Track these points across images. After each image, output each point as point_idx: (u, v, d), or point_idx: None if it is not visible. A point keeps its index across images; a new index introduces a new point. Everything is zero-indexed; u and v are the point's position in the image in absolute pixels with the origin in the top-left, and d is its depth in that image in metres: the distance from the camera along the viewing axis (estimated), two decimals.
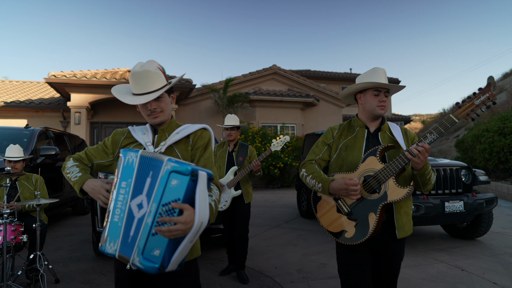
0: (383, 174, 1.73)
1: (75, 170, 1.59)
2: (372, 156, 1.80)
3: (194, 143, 1.63)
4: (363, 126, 1.97)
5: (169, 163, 1.25)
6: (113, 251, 1.34)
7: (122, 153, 1.41)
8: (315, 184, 1.86)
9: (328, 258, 4.32)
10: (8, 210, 2.87)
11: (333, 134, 2.02)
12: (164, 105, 1.60)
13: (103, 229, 1.40)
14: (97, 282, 3.54)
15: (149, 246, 1.25)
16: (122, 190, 1.36)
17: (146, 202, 1.29)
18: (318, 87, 15.19)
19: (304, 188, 7.14)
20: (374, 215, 1.72)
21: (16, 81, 15.94)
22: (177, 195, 1.21)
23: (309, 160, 2.01)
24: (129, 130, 1.70)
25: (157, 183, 1.26)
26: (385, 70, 1.94)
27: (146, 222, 1.27)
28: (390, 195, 1.71)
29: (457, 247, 4.75)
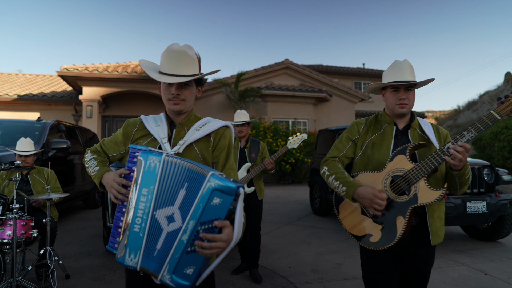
0: (413, 174, 1.59)
1: (93, 163, 1.51)
2: (401, 155, 1.65)
3: (216, 143, 1.50)
4: (391, 123, 1.82)
5: (212, 180, 1.16)
6: (134, 263, 1.25)
7: (141, 155, 1.28)
8: (338, 186, 1.72)
9: (343, 258, 4.19)
10: (18, 205, 2.81)
11: (358, 130, 1.88)
12: (189, 95, 1.47)
13: (121, 239, 1.29)
14: (108, 278, 3.48)
15: (182, 264, 1.19)
16: (143, 198, 1.25)
17: (179, 216, 1.21)
18: (331, 82, 14.95)
19: (317, 185, 7.00)
20: (403, 218, 1.58)
21: (29, 75, 16.07)
22: (218, 214, 1.15)
23: (331, 157, 1.87)
24: (142, 120, 1.56)
25: (197, 199, 1.18)
26: (407, 63, 1.77)
27: (180, 239, 1.19)
28: (420, 198, 1.57)
29: (478, 249, 4.57)
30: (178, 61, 1.41)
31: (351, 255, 4.29)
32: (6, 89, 12.38)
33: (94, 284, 3.33)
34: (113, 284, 3.33)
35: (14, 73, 16.13)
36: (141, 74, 11.03)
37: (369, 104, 19.59)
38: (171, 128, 1.52)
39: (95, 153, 1.58)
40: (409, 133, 1.78)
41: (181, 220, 1.20)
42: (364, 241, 1.69)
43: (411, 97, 1.76)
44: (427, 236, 1.70)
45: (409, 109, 1.77)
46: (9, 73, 15.81)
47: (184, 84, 1.44)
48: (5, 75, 15.48)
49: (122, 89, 11.37)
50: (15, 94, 11.67)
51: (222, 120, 1.56)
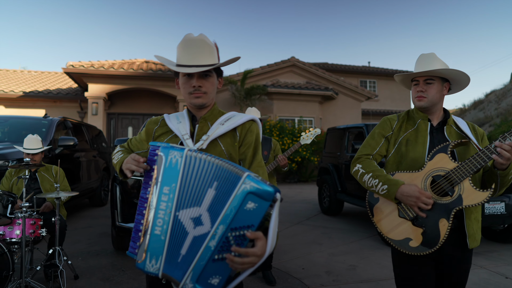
0: (457, 174, 1.48)
1: (119, 155, 1.45)
2: (442, 153, 1.54)
3: (243, 138, 1.39)
4: (425, 119, 1.71)
5: (248, 182, 1.04)
6: (155, 270, 1.13)
7: (162, 151, 1.17)
8: (376, 185, 1.60)
9: (357, 259, 4.08)
10: (27, 204, 2.71)
11: (391, 126, 1.76)
12: (210, 86, 1.37)
13: (141, 243, 1.17)
14: (118, 279, 3.39)
15: (207, 273, 1.07)
16: (165, 197, 1.13)
17: (208, 219, 1.09)
18: (337, 80, 14.81)
19: (326, 184, 6.89)
20: (446, 221, 1.47)
21: (34, 72, 16.03)
22: (252, 221, 1.03)
23: (365, 155, 1.75)
24: (163, 118, 1.48)
25: (229, 202, 1.05)
26: (432, 55, 1.68)
27: (207, 244, 1.07)
28: (466, 199, 1.45)
29: (495, 251, 4.45)
30: (196, 50, 1.32)
31: (364, 257, 4.19)
32: (12, 85, 12.34)
33: (104, 285, 3.24)
34: (123, 286, 3.24)
35: (20, 70, 16.10)
36: (146, 71, 10.94)
37: (375, 102, 19.44)
38: (194, 123, 1.42)
39: (122, 147, 1.54)
40: (445, 130, 1.67)
41: (210, 223, 1.09)
42: (402, 246, 1.57)
43: (431, 91, 1.66)
44: (463, 239, 1.59)
45: (429, 103, 1.66)
46: (15, 70, 15.78)
47: (205, 75, 1.35)
48: (11, 72, 15.45)
49: (128, 86, 11.29)
50: (21, 91, 11.62)
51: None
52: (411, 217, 1.57)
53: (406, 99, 20.70)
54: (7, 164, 4.16)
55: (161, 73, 11.03)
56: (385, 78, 20.43)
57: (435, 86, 1.66)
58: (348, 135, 6.53)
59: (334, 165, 6.80)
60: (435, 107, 1.69)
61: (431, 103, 1.66)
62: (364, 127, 5.88)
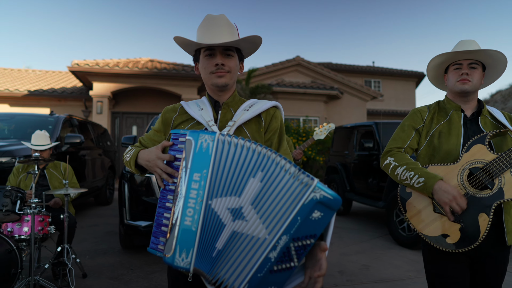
0: (497, 166, 1.39)
1: (131, 152, 1.33)
2: (479, 145, 1.46)
3: (268, 124, 1.32)
4: (458, 109, 1.63)
5: (318, 190, 0.94)
6: (186, 264, 1.02)
7: (190, 135, 1.07)
8: (412, 177, 1.51)
9: (369, 259, 3.99)
10: (36, 200, 2.64)
11: (422, 118, 1.68)
12: (233, 65, 1.30)
13: (169, 236, 1.06)
14: (126, 278, 3.31)
15: (263, 285, 0.98)
16: (195, 185, 1.03)
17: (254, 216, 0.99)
18: (342, 80, 14.71)
19: (334, 183, 6.80)
20: (486, 216, 1.38)
21: (39, 71, 16.02)
22: (315, 230, 0.96)
23: (396, 148, 1.66)
24: (182, 106, 1.39)
25: (295, 210, 0.95)
26: (473, 41, 1.60)
27: (267, 256, 0.97)
28: (508, 192, 1.37)
29: None
30: (218, 29, 1.27)
31: (377, 257, 4.10)
32: (17, 84, 12.33)
33: (113, 284, 3.16)
34: (132, 285, 3.17)
35: (24, 69, 16.09)
36: (151, 70, 10.88)
37: (380, 102, 19.31)
38: (216, 110, 1.35)
39: (134, 147, 1.41)
40: (479, 120, 1.59)
41: (262, 226, 0.98)
42: (438, 242, 1.48)
43: (476, 76, 1.58)
44: (502, 235, 1.50)
45: (473, 88, 1.58)
46: (19, 69, 15.78)
47: (227, 54, 1.29)
48: (15, 71, 15.45)
49: (133, 85, 11.23)
50: (26, 90, 11.59)
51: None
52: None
53: (410, 99, 20.57)
54: (14, 160, 4.10)
55: (166, 71, 10.97)
56: (389, 78, 20.29)
57: (478, 71, 1.58)
58: (357, 134, 6.44)
59: (342, 164, 6.72)
60: (473, 94, 1.61)
61: (475, 88, 1.58)
62: (374, 126, 5.79)
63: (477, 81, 1.59)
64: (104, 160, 7.62)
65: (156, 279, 3.30)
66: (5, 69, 15.56)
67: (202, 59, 1.31)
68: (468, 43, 1.58)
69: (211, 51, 1.28)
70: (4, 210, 2.61)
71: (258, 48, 1.39)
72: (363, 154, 5.98)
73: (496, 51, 1.53)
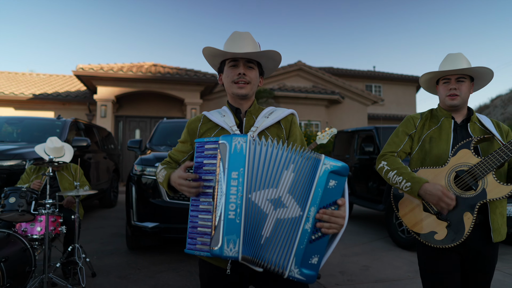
0: (480, 169, 1.52)
1: (163, 172, 1.45)
2: (465, 149, 1.59)
3: (288, 130, 1.47)
4: (449, 116, 1.76)
5: (327, 162, 1.15)
6: (234, 253, 1.13)
7: (224, 139, 1.19)
8: (400, 182, 1.66)
9: (369, 260, 4.11)
10: (51, 200, 2.78)
11: (415, 124, 1.82)
12: (254, 77, 1.44)
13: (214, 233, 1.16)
14: (134, 277, 3.44)
15: (307, 254, 1.15)
16: (234, 182, 1.16)
17: (292, 201, 1.16)
18: (343, 84, 14.87)
19: None
20: (471, 215, 1.51)
21: (43, 74, 16.23)
22: (335, 196, 1.16)
23: (390, 152, 1.81)
24: (205, 115, 1.52)
25: (315, 184, 1.15)
26: (460, 54, 1.74)
27: (304, 228, 1.14)
28: (490, 193, 1.50)
29: (508, 253, 4.46)
30: (243, 42, 1.41)
31: (377, 258, 4.21)
32: (22, 88, 12.50)
33: (121, 283, 3.29)
34: (140, 283, 3.29)
35: (28, 73, 16.30)
36: (155, 75, 11.05)
37: (381, 107, 19.44)
38: (238, 116, 1.48)
39: (165, 163, 1.53)
40: (468, 127, 1.72)
41: (297, 206, 1.15)
42: (427, 239, 1.62)
43: (464, 89, 1.71)
44: (488, 233, 1.63)
45: (461, 102, 1.72)
46: (23, 73, 15.98)
47: (249, 67, 1.43)
48: (20, 74, 15.65)
49: (137, 89, 11.40)
50: (31, 93, 11.76)
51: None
52: (436, 211, 1.61)
53: (411, 103, 20.70)
54: (24, 163, 4.24)
55: (169, 76, 11.14)
56: (390, 83, 20.44)
57: (466, 84, 1.72)
58: (358, 138, 6.56)
59: None
60: (464, 104, 1.75)
61: (463, 101, 1.72)
62: (374, 130, 5.92)
63: (465, 94, 1.72)
64: (109, 163, 7.76)
65: (163, 278, 3.42)
66: (10, 72, 15.77)
67: (226, 69, 1.45)
68: (455, 57, 1.71)
69: (235, 62, 1.43)
70: (20, 210, 2.74)
71: (278, 65, 1.54)
72: (364, 158, 6.11)
73: (480, 67, 1.66)
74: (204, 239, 1.21)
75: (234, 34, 1.44)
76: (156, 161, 3.96)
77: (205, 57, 1.50)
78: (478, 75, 1.74)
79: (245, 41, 1.41)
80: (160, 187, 3.86)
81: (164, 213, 3.79)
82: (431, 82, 1.86)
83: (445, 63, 1.75)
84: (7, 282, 2.45)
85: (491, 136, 1.63)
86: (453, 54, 1.75)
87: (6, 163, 4.15)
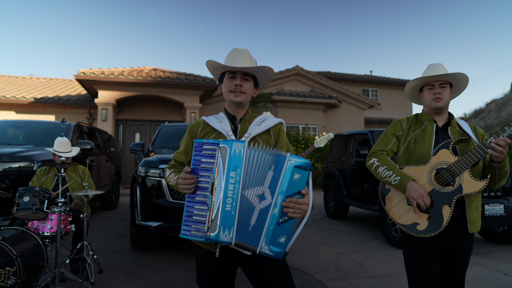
0: (457, 166, 1.71)
1: (172, 175, 1.63)
2: (444, 149, 1.78)
3: (277, 137, 1.67)
4: (432, 120, 1.96)
5: (292, 159, 1.39)
6: (229, 239, 1.36)
7: (225, 143, 1.41)
8: (390, 176, 1.85)
9: (364, 258, 4.29)
10: (63, 199, 2.95)
11: (401, 127, 2.02)
12: (248, 88, 1.64)
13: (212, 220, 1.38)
14: (140, 273, 3.60)
15: (276, 235, 1.36)
16: (232, 180, 1.38)
17: (269, 194, 1.38)
18: (340, 89, 15.10)
19: (332, 188, 7.10)
20: (449, 207, 1.70)
21: (43, 78, 16.38)
22: (299, 187, 1.38)
23: (380, 150, 2.01)
24: (204, 120, 1.71)
25: (281, 177, 1.37)
26: (441, 64, 1.96)
27: (272, 212, 1.36)
28: (465, 188, 1.69)
29: (495, 251, 4.64)
30: (241, 58, 1.62)
31: (371, 256, 4.39)
32: (23, 92, 12.65)
33: (128, 279, 3.45)
34: (145, 279, 3.45)
35: (28, 76, 16.45)
36: (156, 79, 11.24)
37: (377, 111, 19.70)
38: (233, 123, 1.68)
39: (172, 167, 1.72)
40: (449, 130, 1.92)
41: (271, 196, 1.37)
42: (411, 229, 1.80)
43: (446, 94, 1.92)
44: (465, 225, 1.81)
45: (445, 104, 1.92)
46: (24, 77, 16.14)
47: (245, 79, 1.63)
48: (20, 78, 15.80)
49: (137, 93, 11.58)
50: (32, 97, 11.92)
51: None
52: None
53: (407, 107, 20.97)
54: (32, 165, 4.40)
55: (169, 80, 11.34)
56: (387, 87, 20.73)
57: (448, 89, 1.93)
58: (353, 141, 6.76)
59: (340, 170, 7.03)
60: (446, 108, 1.96)
61: (446, 104, 1.93)
62: (369, 134, 6.11)
63: (448, 98, 1.93)
64: (111, 166, 7.91)
65: (167, 274, 3.58)
66: (10, 76, 15.91)
67: (226, 80, 1.66)
68: (437, 66, 1.92)
69: (233, 74, 1.64)
70: (34, 208, 2.91)
71: (271, 79, 1.76)
72: (359, 160, 6.29)
73: (460, 73, 1.88)
74: (199, 226, 1.42)
75: (234, 50, 1.64)
76: (160, 163, 4.13)
77: (208, 68, 1.71)
78: (456, 81, 1.94)
79: (243, 57, 1.62)
80: (164, 187, 4.03)
81: (168, 212, 3.96)
82: (416, 90, 2.06)
83: (429, 71, 1.95)
84: (23, 275, 2.62)
85: (468, 138, 1.83)
86: (435, 64, 1.95)
87: (15, 165, 4.30)
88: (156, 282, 3.38)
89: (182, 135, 6.34)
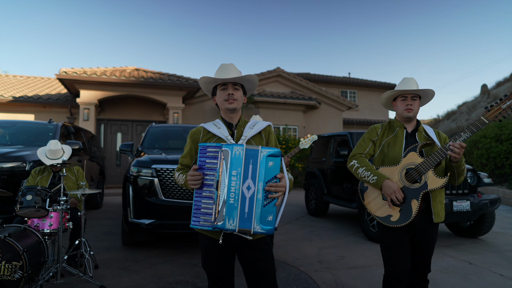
0: (423, 166, 2.03)
1: (182, 177, 1.87)
2: (412, 152, 2.10)
3: (267, 138, 1.94)
4: (402, 127, 2.28)
5: (263, 150, 1.66)
6: (233, 227, 1.63)
7: (226, 147, 1.67)
8: (368, 176, 2.15)
9: (344, 251, 4.62)
10: (65, 198, 3.11)
11: (377, 132, 2.33)
12: (239, 96, 1.91)
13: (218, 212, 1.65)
14: (134, 268, 3.79)
15: (263, 215, 1.64)
16: (234, 178, 1.64)
17: (252, 183, 1.64)
18: (320, 91, 15.54)
19: (313, 187, 7.44)
20: (416, 201, 2.02)
21: (20, 76, 16.04)
22: (275, 172, 1.67)
23: (359, 153, 2.31)
24: (204, 127, 1.96)
25: (258, 167, 1.63)
26: (414, 79, 2.27)
27: (257, 198, 1.64)
28: (430, 184, 2.01)
29: (462, 244, 5.08)
30: (229, 70, 1.90)
31: (350, 250, 4.73)
32: (0, 90, 12.40)
33: (124, 273, 3.64)
34: (141, 273, 3.65)
35: (4, 74, 16.07)
36: (138, 79, 11.30)
37: (355, 112, 20.31)
38: (230, 128, 1.93)
39: (181, 169, 1.96)
40: (416, 135, 2.24)
41: (254, 185, 1.65)
42: (385, 221, 2.12)
43: (416, 105, 2.24)
44: (430, 217, 2.14)
45: (415, 114, 2.24)
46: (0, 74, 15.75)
47: (235, 88, 1.90)
48: None
49: (119, 93, 11.59)
50: (10, 96, 11.71)
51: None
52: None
53: (384, 109, 21.68)
54: (24, 165, 4.49)
55: (153, 80, 11.42)
56: (364, 89, 21.40)
57: (417, 101, 2.26)
58: (334, 142, 7.11)
59: (320, 169, 7.37)
60: (415, 117, 2.27)
61: (415, 114, 2.25)
62: (349, 135, 6.47)
63: (417, 108, 2.25)
64: (95, 166, 7.97)
65: (160, 269, 3.79)
66: None
67: (219, 92, 1.92)
68: (411, 81, 2.24)
69: (225, 85, 1.90)
70: (37, 206, 3.07)
71: (256, 87, 2.03)
72: (339, 161, 6.65)
73: (429, 89, 2.22)
74: (207, 217, 1.69)
75: (222, 66, 1.91)
76: (152, 163, 4.31)
77: (201, 85, 1.98)
78: (425, 95, 2.27)
79: (230, 70, 1.89)
80: (156, 186, 4.22)
81: (160, 210, 4.16)
82: (390, 99, 2.37)
83: (403, 85, 2.26)
84: (29, 270, 2.78)
85: (432, 142, 2.16)
86: (408, 78, 2.26)
87: (7, 165, 4.39)
88: (151, 275, 3.58)
89: (170, 136, 6.53)
